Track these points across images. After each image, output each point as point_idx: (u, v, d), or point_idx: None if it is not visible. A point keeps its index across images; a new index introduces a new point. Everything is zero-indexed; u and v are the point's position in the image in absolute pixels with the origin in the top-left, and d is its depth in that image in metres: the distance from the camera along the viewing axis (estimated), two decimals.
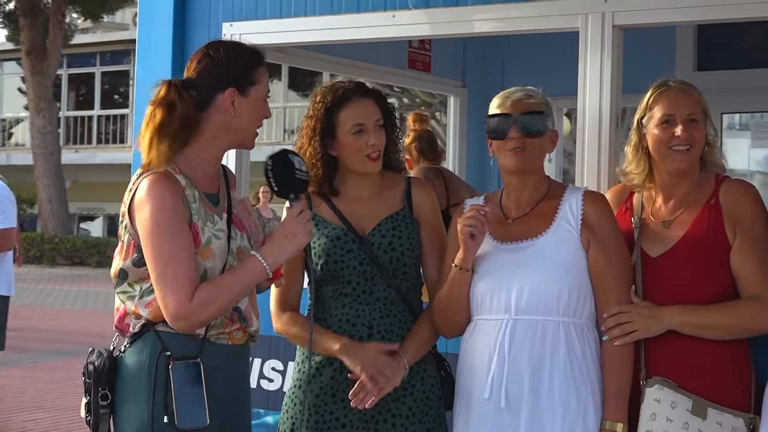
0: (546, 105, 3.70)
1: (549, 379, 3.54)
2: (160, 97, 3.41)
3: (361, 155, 3.80)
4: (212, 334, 3.45)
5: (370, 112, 3.83)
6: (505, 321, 3.59)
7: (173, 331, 3.39)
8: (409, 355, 3.75)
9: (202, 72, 3.49)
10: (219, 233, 3.47)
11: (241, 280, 3.42)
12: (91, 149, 36.71)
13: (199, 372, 3.39)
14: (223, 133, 3.51)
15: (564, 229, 3.63)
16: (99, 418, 3.42)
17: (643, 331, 3.56)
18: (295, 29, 4.96)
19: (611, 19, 4.19)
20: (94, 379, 3.42)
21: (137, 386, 3.39)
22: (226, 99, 3.46)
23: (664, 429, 3.49)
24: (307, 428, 3.77)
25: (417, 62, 6.90)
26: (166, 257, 3.31)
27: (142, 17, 5.42)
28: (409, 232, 3.85)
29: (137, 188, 3.41)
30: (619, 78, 4.23)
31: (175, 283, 3.30)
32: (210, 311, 3.36)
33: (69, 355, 12.68)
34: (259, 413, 4.65)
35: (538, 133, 3.65)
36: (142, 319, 3.42)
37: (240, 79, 3.48)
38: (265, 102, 3.57)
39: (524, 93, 3.69)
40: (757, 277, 3.55)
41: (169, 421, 3.34)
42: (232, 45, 3.64)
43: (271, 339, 4.64)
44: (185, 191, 3.41)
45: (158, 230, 3.32)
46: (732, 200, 3.64)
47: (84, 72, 38.77)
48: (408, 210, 3.89)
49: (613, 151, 4.19)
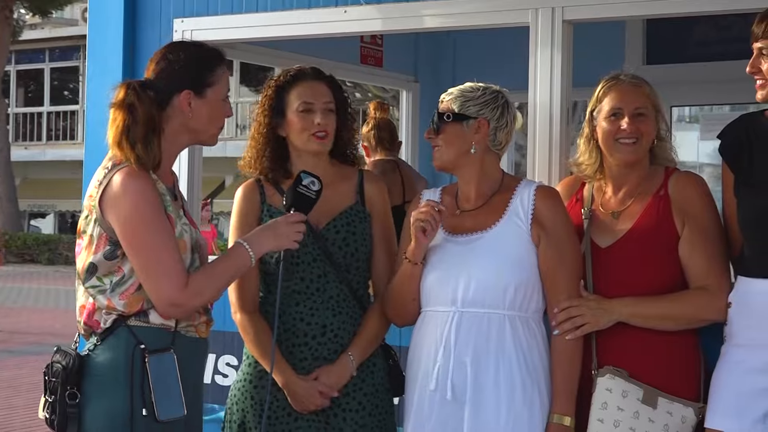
0: (455, 101, 3.70)
1: (494, 372, 3.56)
2: (119, 100, 3.44)
3: (306, 134, 3.84)
4: (182, 326, 3.48)
5: (319, 93, 3.88)
6: (451, 313, 3.61)
7: (145, 325, 3.42)
8: (359, 355, 3.81)
9: (160, 74, 3.53)
10: (186, 227, 3.51)
11: (231, 267, 3.52)
12: (41, 146, 36.37)
13: (174, 363, 3.41)
14: (183, 133, 3.56)
15: (513, 223, 3.64)
16: (66, 417, 3.40)
17: (593, 324, 3.59)
18: (247, 25, 4.96)
19: (561, 13, 4.22)
20: (62, 379, 3.40)
21: (110, 383, 3.39)
22: (182, 101, 3.50)
23: (614, 418, 3.53)
24: (258, 423, 3.79)
25: (369, 57, 6.92)
26: (155, 247, 3.36)
27: (92, 13, 5.39)
28: (363, 227, 3.88)
29: (108, 182, 3.41)
30: (569, 72, 4.26)
31: (168, 271, 3.36)
32: (204, 298, 3.46)
33: (20, 353, 12.57)
34: (214, 408, 4.64)
35: (437, 130, 3.70)
36: (113, 314, 3.42)
37: (195, 81, 3.52)
38: (224, 102, 3.60)
39: (445, 93, 3.76)
40: (704, 267, 3.59)
41: (147, 413, 3.36)
42: (190, 46, 3.66)
43: (225, 335, 4.65)
44: (157, 184, 3.46)
45: (143, 221, 3.36)
46: (680, 191, 3.67)
47: (33, 68, 38.41)
48: (361, 204, 3.92)
49: (564, 145, 4.22)
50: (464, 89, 3.74)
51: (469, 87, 3.74)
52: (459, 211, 3.75)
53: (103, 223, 3.41)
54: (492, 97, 3.72)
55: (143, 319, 3.42)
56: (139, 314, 3.41)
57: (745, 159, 3.55)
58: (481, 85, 3.75)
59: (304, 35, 5.00)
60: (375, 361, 3.87)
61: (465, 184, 3.76)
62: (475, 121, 3.69)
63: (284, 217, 3.61)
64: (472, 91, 3.72)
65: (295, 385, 3.77)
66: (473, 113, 3.69)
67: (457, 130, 3.69)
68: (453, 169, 3.77)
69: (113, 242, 3.40)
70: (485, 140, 3.71)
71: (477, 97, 3.71)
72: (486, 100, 3.71)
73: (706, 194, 3.69)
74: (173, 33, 5.02)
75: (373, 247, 3.92)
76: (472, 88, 3.73)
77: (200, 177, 5.11)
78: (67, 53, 37.42)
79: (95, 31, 5.33)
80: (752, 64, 3.51)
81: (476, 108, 3.69)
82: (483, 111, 3.70)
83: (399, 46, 7.14)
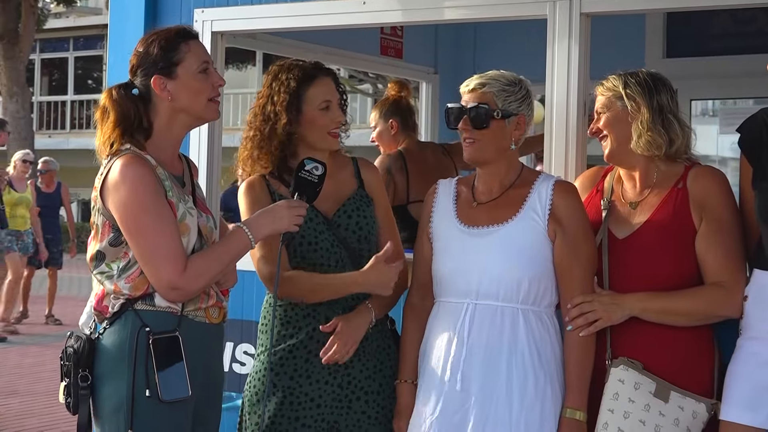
0: (499, 94, 3.66)
1: (507, 365, 3.57)
2: (101, 107, 3.56)
3: (324, 131, 3.88)
4: (189, 310, 3.53)
5: (333, 90, 3.93)
6: (465, 305, 3.63)
7: (152, 309, 3.47)
8: (376, 306, 3.85)
9: (133, 69, 3.61)
10: (191, 211, 3.55)
11: (230, 251, 3.54)
12: (64, 134, 36.45)
13: (179, 345, 3.46)
14: (174, 116, 3.59)
15: (530, 217, 3.64)
16: (79, 399, 3.48)
17: (605, 320, 3.60)
18: (267, 15, 4.97)
19: (579, 6, 4.20)
20: (74, 362, 3.48)
21: (117, 364, 3.46)
22: (156, 87, 3.55)
23: (625, 409, 3.54)
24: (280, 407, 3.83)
25: (389, 49, 6.92)
26: (154, 231, 3.41)
27: (113, 3, 5.42)
28: (370, 212, 3.94)
29: (108, 171, 3.48)
30: (586, 65, 4.25)
31: (167, 255, 3.40)
32: (203, 281, 3.48)
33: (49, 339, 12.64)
34: (231, 396, 4.67)
35: (482, 127, 3.65)
36: (120, 298, 3.48)
37: (161, 64, 3.55)
38: (202, 73, 3.60)
39: (478, 82, 3.69)
40: (720, 263, 3.59)
41: (151, 394, 3.41)
42: (151, 33, 3.68)
43: (242, 323, 4.68)
44: (156, 170, 3.50)
45: (141, 206, 3.41)
46: (699, 186, 3.66)
47: (57, 57, 38.47)
48: (362, 189, 3.97)
49: (581, 138, 4.21)
50: (503, 82, 3.68)
51: (506, 79, 3.69)
52: (476, 204, 3.75)
53: (105, 212, 3.48)
54: (527, 91, 3.71)
55: (149, 303, 3.47)
56: (145, 298, 3.47)
57: (764, 152, 3.55)
58: (515, 76, 3.73)
59: (325, 26, 5.01)
60: (390, 343, 3.93)
61: (490, 177, 3.74)
62: (516, 118, 3.68)
63: (285, 201, 3.64)
64: (511, 85, 3.68)
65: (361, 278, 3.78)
66: (515, 109, 3.67)
67: (501, 126, 3.66)
68: (487, 162, 3.73)
69: (116, 229, 3.47)
70: (522, 136, 3.71)
71: (517, 92, 3.68)
72: (524, 95, 3.70)
73: (725, 190, 3.68)
74: (193, 23, 5.03)
75: (379, 229, 3.96)
76: (510, 81, 3.69)
77: (219, 166, 5.13)
78: (91, 42, 37.46)
79: (116, 21, 5.36)
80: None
81: (517, 104, 3.68)
82: (522, 107, 3.69)
83: (419, 38, 7.14)
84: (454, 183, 3.86)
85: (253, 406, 3.90)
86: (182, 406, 3.48)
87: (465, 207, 3.75)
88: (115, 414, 3.45)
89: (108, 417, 3.47)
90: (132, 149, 3.50)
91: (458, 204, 3.78)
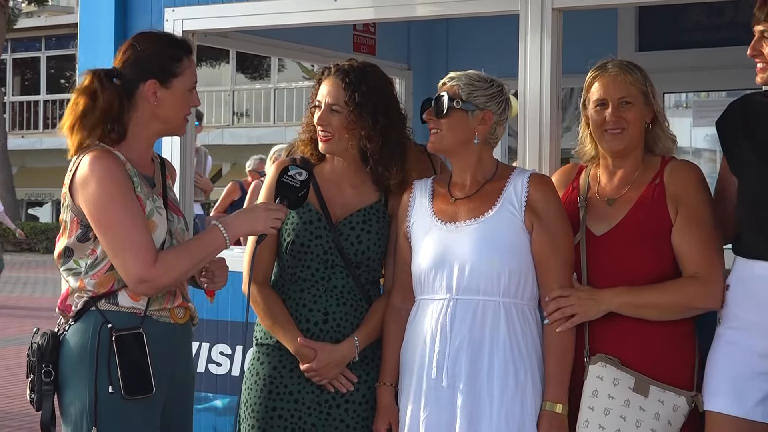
0: (464, 87, 3.68)
1: (488, 359, 3.57)
2: (84, 87, 3.52)
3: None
4: (153, 310, 3.52)
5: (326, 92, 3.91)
6: (446, 301, 3.63)
7: (115, 309, 3.47)
8: (363, 340, 3.83)
9: (126, 62, 3.59)
10: (160, 210, 3.55)
11: (202, 247, 3.54)
12: (37, 134, 36.32)
13: (143, 341, 3.46)
14: (151, 121, 3.61)
15: (507, 210, 3.65)
16: (42, 395, 3.47)
17: (582, 315, 3.60)
18: (238, 14, 4.96)
19: (551, 1, 4.21)
20: (38, 357, 3.48)
21: (81, 363, 3.45)
22: (147, 90, 3.56)
23: (605, 406, 3.54)
24: (259, 397, 3.83)
25: (362, 45, 6.90)
26: (123, 224, 3.41)
27: (83, 2, 5.39)
28: (379, 227, 3.90)
29: (77, 167, 3.48)
30: (559, 60, 4.25)
31: (136, 247, 3.40)
32: (173, 275, 3.47)
33: (18, 342, 12.58)
34: (208, 397, 4.66)
35: (442, 115, 3.67)
36: (84, 296, 3.48)
37: (161, 71, 3.57)
38: (190, 92, 3.65)
39: (449, 77, 3.74)
40: (696, 256, 3.59)
41: (114, 391, 3.41)
42: (157, 36, 3.72)
43: (218, 323, 4.66)
44: (126, 165, 3.50)
45: (110, 199, 3.41)
46: (674, 179, 3.67)
47: (29, 56, 38.33)
48: (383, 203, 3.94)
49: (555, 132, 4.22)
50: (472, 77, 3.72)
51: (477, 76, 3.73)
52: (453, 200, 3.75)
53: (74, 208, 3.48)
54: (498, 90, 3.72)
55: (112, 302, 3.47)
56: (108, 296, 3.47)
57: (740, 134, 3.56)
58: (488, 75, 3.74)
59: (296, 24, 4.99)
60: (378, 353, 3.89)
61: (461, 172, 3.76)
62: (481, 112, 3.69)
63: (264, 203, 3.67)
64: (480, 81, 3.71)
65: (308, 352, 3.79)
66: (480, 104, 3.69)
67: (461, 117, 3.68)
68: (449, 155, 3.78)
69: (84, 225, 3.47)
70: (487, 132, 3.71)
71: (485, 88, 3.70)
72: (493, 93, 3.71)
73: (699, 182, 3.68)
74: (164, 22, 5.02)
75: (389, 246, 3.92)
76: (480, 78, 3.72)
77: (192, 165, 5.11)
78: (63, 41, 37.32)
79: (87, 20, 5.34)
80: (753, 47, 3.51)
81: (484, 99, 3.69)
82: (490, 103, 3.70)
83: (392, 34, 7.12)
84: (430, 182, 3.86)
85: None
86: (148, 403, 3.47)
87: (442, 204, 3.75)
88: (80, 414, 3.44)
89: (73, 417, 3.46)
90: (100, 145, 3.50)
91: (434, 201, 3.78)
